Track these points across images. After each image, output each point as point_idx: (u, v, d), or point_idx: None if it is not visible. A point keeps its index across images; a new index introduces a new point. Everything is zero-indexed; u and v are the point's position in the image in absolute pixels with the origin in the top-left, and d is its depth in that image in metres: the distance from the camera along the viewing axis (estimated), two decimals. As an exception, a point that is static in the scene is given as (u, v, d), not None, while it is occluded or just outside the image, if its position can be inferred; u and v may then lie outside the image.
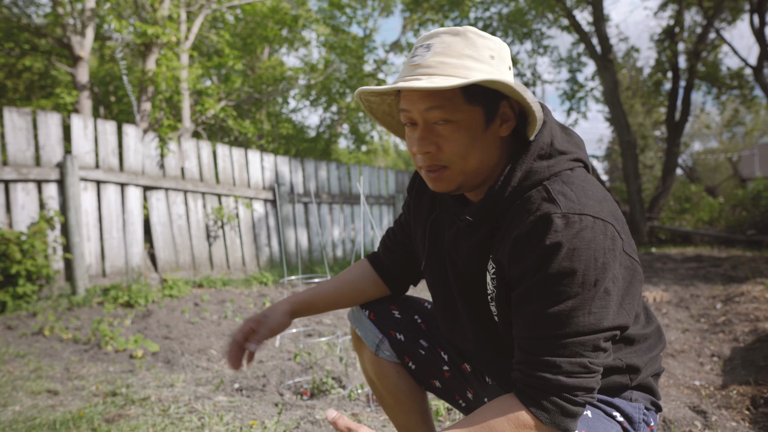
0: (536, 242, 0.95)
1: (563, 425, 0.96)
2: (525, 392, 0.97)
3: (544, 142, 1.05)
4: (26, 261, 4.54)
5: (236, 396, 2.54)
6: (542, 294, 0.96)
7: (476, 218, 1.10)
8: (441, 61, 0.99)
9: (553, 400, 0.95)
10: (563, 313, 0.94)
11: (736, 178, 22.90)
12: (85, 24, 6.91)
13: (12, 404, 2.39)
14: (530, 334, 0.98)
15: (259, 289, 5.99)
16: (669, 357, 3.07)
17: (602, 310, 0.95)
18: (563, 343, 0.95)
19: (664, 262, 7.69)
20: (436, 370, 1.39)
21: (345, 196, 8.36)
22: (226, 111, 8.03)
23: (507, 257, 1.02)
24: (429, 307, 1.48)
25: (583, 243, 0.93)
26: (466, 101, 1.00)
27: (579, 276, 0.93)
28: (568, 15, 12.29)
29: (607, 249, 0.95)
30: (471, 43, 1.01)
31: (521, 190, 1.03)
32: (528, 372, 0.97)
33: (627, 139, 11.84)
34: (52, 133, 5.17)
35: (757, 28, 10.84)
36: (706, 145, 33.00)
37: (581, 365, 0.95)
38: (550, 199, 0.98)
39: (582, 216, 0.94)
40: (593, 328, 0.95)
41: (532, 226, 0.96)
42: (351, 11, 14.85)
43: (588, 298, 0.94)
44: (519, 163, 1.04)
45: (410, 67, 1.02)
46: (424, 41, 1.03)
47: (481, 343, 1.20)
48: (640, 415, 1.13)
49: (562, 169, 1.04)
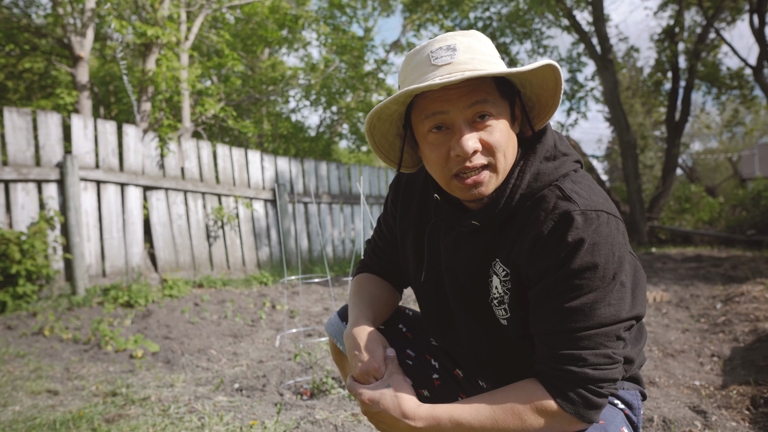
0: (558, 239, 0.97)
1: (587, 417, 0.98)
2: (552, 383, 0.99)
3: (549, 144, 1.08)
4: (26, 261, 4.54)
5: (236, 396, 2.54)
6: (564, 289, 0.98)
7: (483, 222, 1.10)
8: (473, 57, 1.00)
9: (580, 392, 0.97)
10: (586, 306, 0.96)
11: (736, 178, 22.90)
12: (85, 24, 6.91)
13: (12, 404, 2.39)
14: (553, 329, 0.99)
15: (259, 289, 5.98)
16: (669, 357, 3.07)
17: (621, 302, 0.99)
18: (587, 335, 0.97)
19: (664, 262, 7.69)
20: (425, 378, 1.38)
21: (345, 196, 8.36)
22: (226, 111, 8.03)
23: (525, 258, 1.03)
24: (411, 314, 1.46)
25: (602, 238, 0.96)
26: (500, 95, 1.03)
27: (600, 270, 0.96)
28: (568, 15, 12.29)
29: (621, 243, 0.99)
30: (484, 43, 1.04)
31: (531, 192, 1.05)
32: (554, 365, 0.99)
33: (627, 139, 11.85)
34: (52, 133, 5.17)
35: (757, 28, 10.84)
36: (706, 145, 33.03)
37: (606, 356, 0.98)
38: (566, 198, 1.00)
39: (599, 212, 0.97)
40: (614, 319, 0.98)
41: (554, 224, 0.98)
42: (351, 11, 14.85)
43: (608, 291, 0.97)
44: (528, 165, 1.06)
45: (439, 67, 0.99)
46: (442, 43, 1.02)
47: (480, 349, 1.20)
48: (637, 402, 1.17)
49: (568, 170, 1.06)
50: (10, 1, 8.93)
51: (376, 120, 1.08)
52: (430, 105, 1.01)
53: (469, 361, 1.26)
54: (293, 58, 38.81)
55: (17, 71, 8.95)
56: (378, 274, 1.42)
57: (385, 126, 1.12)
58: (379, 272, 1.42)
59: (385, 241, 1.40)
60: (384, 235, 1.40)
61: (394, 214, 1.35)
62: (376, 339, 1.17)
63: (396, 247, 1.38)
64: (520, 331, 1.10)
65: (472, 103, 0.99)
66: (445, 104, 1.00)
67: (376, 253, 1.43)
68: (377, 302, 1.34)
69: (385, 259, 1.41)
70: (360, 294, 1.35)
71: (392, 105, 1.04)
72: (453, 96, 0.99)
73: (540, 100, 1.07)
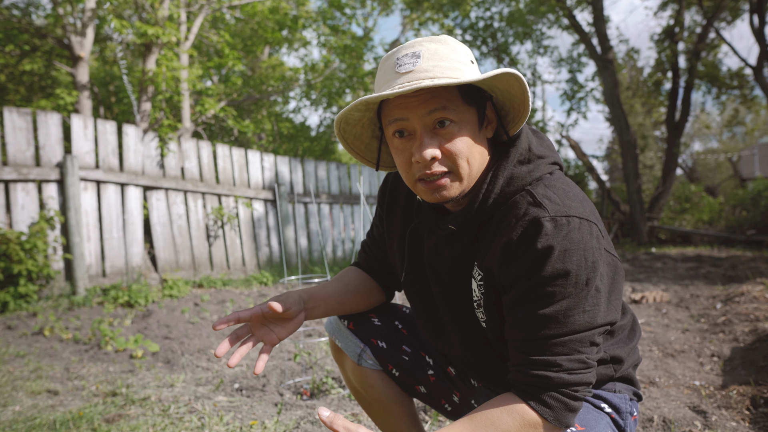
0: (527, 246, 0.97)
1: (565, 421, 0.98)
2: (527, 391, 0.98)
3: (522, 148, 1.07)
4: (27, 261, 4.54)
5: (236, 396, 2.54)
6: (537, 296, 0.97)
7: (459, 227, 1.10)
8: (435, 65, 0.99)
9: (556, 396, 0.97)
10: (559, 314, 0.96)
11: (736, 178, 22.91)
12: (85, 24, 6.91)
13: (12, 404, 2.40)
14: (527, 336, 0.99)
15: (259, 289, 5.99)
16: (669, 357, 3.07)
17: (595, 308, 0.98)
18: (561, 341, 0.96)
19: (664, 262, 7.69)
20: (422, 374, 1.39)
21: (345, 196, 8.36)
22: (226, 111, 8.03)
23: (497, 263, 1.03)
24: (408, 311, 1.46)
25: (573, 244, 0.95)
26: (464, 101, 1.02)
27: (572, 276, 0.95)
28: (568, 15, 12.29)
29: (595, 248, 0.98)
30: (453, 49, 1.03)
31: (504, 197, 1.04)
32: (528, 372, 0.98)
33: (627, 139, 11.85)
34: (52, 133, 5.17)
35: (757, 28, 10.84)
36: (706, 145, 33.03)
37: (580, 361, 0.97)
38: (536, 204, 0.99)
39: (569, 218, 0.96)
40: (588, 326, 0.97)
41: (522, 231, 0.98)
42: (350, 11, 14.85)
43: (582, 297, 0.96)
44: (500, 169, 1.05)
45: (401, 75, 1.00)
46: (408, 50, 1.02)
47: (467, 349, 1.20)
48: (626, 406, 1.16)
49: (542, 173, 1.06)
50: (10, 2, 8.93)
51: (344, 124, 1.10)
52: (392, 111, 1.03)
53: (458, 360, 1.26)
54: (293, 58, 38.81)
55: (18, 73, 8.95)
56: (364, 269, 1.43)
57: (357, 129, 1.14)
58: (366, 269, 1.43)
59: (374, 242, 1.42)
60: (373, 235, 1.42)
61: (381, 215, 1.36)
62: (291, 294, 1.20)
63: (383, 248, 1.39)
64: (497, 334, 1.11)
65: (431, 110, 0.99)
66: (405, 111, 1.01)
67: (365, 251, 1.45)
68: (345, 289, 1.35)
69: (374, 258, 1.42)
70: (333, 281, 1.37)
71: (354, 112, 1.07)
72: (412, 103, 1.00)
73: (513, 106, 1.07)
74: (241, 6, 9.21)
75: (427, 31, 15.36)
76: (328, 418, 0.90)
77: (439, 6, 14.39)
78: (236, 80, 10.12)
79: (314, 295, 1.28)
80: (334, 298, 1.32)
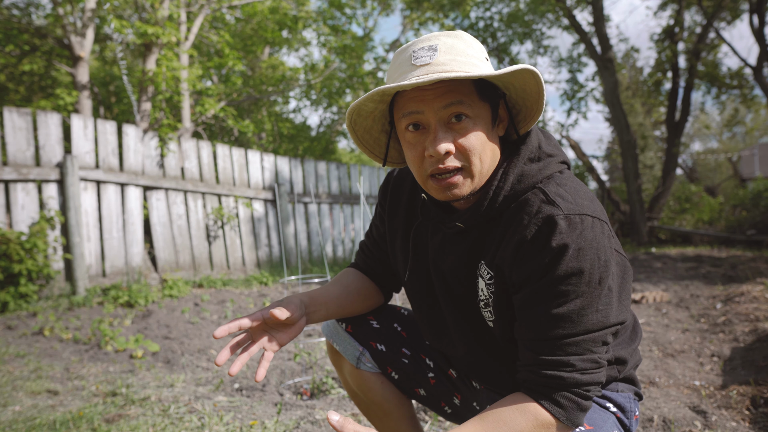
0: (541, 244, 0.96)
1: (577, 421, 0.98)
2: (539, 391, 0.98)
3: (533, 146, 1.07)
4: (27, 261, 4.54)
5: (236, 396, 2.54)
6: (551, 295, 0.96)
7: (467, 224, 1.09)
8: (453, 59, 0.99)
9: (568, 396, 0.96)
10: (573, 313, 0.95)
11: (736, 178, 22.89)
12: (85, 24, 6.91)
13: (12, 404, 2.40)
14: (539, 336, 0.98)
15: (259, 289, 5.99)
16: (669, 357, 3.07)
17: (608, 307, 0.97)
18: (575, 341, 0.96)
19: (664, 262, 7.69)
20: (422, 377, 1.37)
21: (345, 196, 8.36)
22: (226, 111, 8.03)
23: (508, 261, 1.02)
24: (406, 313, 1.45)
25: (587, 243, 0.95)
26: (480, 97, 1.01)
27: (586, 275, 0.94)
28: (568, 15, 12.29)
29: (607, 247, 0.97)
30: (469, 44, 1.03)
31: (515, 194, 1.04)
32: (540, 372, 0.98)
33: (627, 139, 11.84)
34: (52, 133, 5.17)
35: (757, 28, 10.84)
36: (706, 145, 33.02)
37: (593, 361, 0.97)
38: (549, 201, 0.98)
39: (583, 216, 0.96)
40: (601, 325, 0.97)
41: (537, 229, 0.97)
42: (351, 11, 14.85)
43: (595, 297, 0.96)
44: (511, 166, 1.05)
45: (418, 67, 0.99)
46: (424, 43, 1.01)
47: (471, 349, 1.19)
48: (630, 405, 1.16)
49: (552, 172, 1.06)
50: (10, 2, 8.93)
51: (356, 116, 1.09)
52: (407, 104, 1.02)
53: (461, 361, 1.25)
54: (293, 58, 38.81)
55: (18, 73, 8.95)
56: (363, 271, 1.42)
57: (368, 122, 1.12)
58: (365, 270, 1.41)
59: (373, 242, 1.40)
60: (372, 235, 1.41)
61: (382, 215, 1.35)
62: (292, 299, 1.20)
63: (383, 249, 1.38)
64: (506, 333, 1.10)
65: (447, 104, 0.99)
66: (420, 104, 1.00)
67: (364, 252, 1.43)
68: (345, 291, 1.33)
69: (373, 259, 1.40)
70: (332, 283, 1.35)
71: (369, 103, 1.05)
72: (428, 96, 0.99)
73: (525, 104, 1.06)
74: (241, 6, 9.21)
75: (427, 31, 15.36)
76: (338, 422, 0.89)
77: (439, 6, 14.38)
78: (236, 80, 10.12)
79: (315, 299, 1.27)
80: (335, 302, 1.31)
